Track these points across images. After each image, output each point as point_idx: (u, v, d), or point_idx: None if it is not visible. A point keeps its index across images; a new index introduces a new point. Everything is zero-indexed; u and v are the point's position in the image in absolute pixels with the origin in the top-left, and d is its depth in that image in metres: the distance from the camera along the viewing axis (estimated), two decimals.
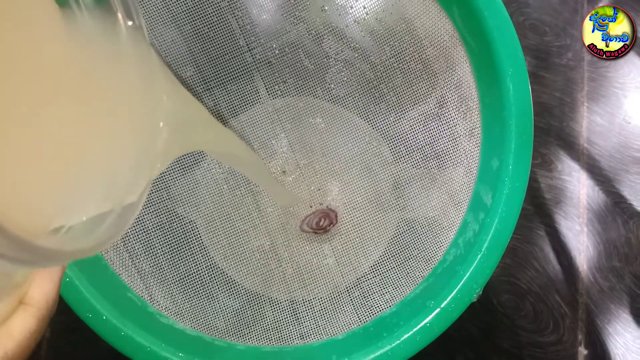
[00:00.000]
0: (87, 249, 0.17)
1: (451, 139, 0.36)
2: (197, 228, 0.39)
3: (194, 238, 0.38)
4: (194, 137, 0.27)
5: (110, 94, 0.20)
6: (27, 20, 0.17)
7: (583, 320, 0.48)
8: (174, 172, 0.39)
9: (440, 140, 0.37)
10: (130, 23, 0.21)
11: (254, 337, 0.35)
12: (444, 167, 0.37)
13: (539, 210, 0.50)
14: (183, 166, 0.39)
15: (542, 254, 0.49)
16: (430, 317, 0.31)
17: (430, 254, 0.35)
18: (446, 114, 0.37)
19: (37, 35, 0.17)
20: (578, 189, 0.51)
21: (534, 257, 0.49)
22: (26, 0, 0.17)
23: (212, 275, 0.38)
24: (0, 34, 0.15)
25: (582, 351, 0.47)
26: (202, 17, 0.38)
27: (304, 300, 0.37)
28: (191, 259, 0.38)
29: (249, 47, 0.39)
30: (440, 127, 0.37)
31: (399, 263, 0.36)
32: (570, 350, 0.47)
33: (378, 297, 0.35)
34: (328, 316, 0.36)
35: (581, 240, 0.50)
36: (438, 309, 0.31)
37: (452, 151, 0.36)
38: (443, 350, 0.47)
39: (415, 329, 0.31)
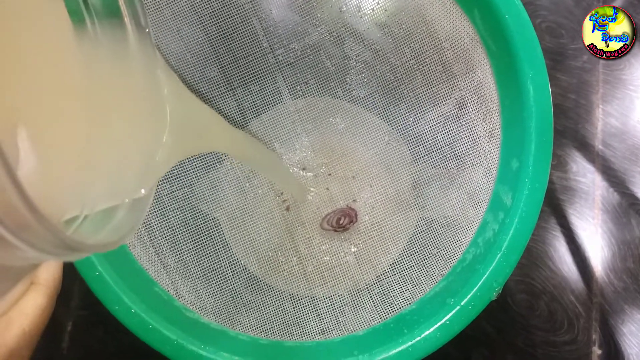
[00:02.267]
0: (106, 243, 0.18)
1: (471, 139, 0.37)
2: (219, 225, 0.40)
3: (216, 235, 0.39)
4: (199, 139, 0.28)
5: (119, 96, 0.21)
6: (42, 30, 0.18)
7: (597, 321, 0.48)
8: (197, 170, 0.40)
9: (459, 141, 0.38)
10: (138, 29, 0.22)
11: (276, 332, 0.35)
12: (463, 168, 0.37)
13: (554, 210, 0.51)
14: (206, 164, 0.40)
15: (557, 255, 0.50)
16: (451, 314, 0.32)
17: (449, 252, 0.36)
18: (466, 115, 0.37)
19: (52, 46, 0.18)
20: (593, 190, 0.52)
21: (548, 257, 0.50)
22: (41, 14, 0.18)
23: (235, 271, 0.38)
24: (20, 45, 0.16)
25: (596, 351, 0.48)
26: (227, 18, 0.38)
27: (325, 297, 0.38)
28: (214, 255, 0.38)
29: (271, 49, 0.40)
30: (459, 128, 0.38)
31: (418, 261, 0.37)
32: (584, 350, 0.48)
33: (398, 295, 0.36)
34: (348, 312, 0.37)
35: (595, 241, 0.50)
36: (458, 307, 0.32)
37: (471, 152, 0.37)
38: (458, 348, 0.47)
39: (435, 326, 0.32)
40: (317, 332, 0.36)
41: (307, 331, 0.36)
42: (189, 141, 0.26)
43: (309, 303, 0.38)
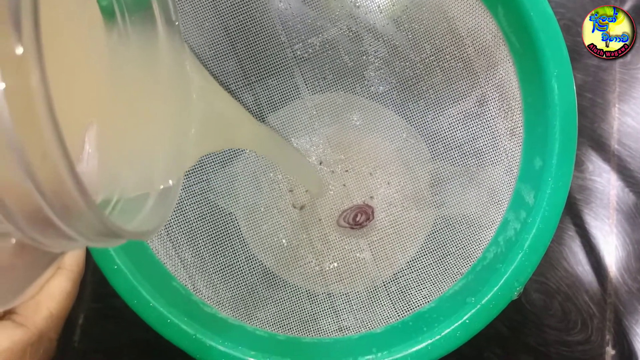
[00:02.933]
0: (140, 231, 0.18)
1: (491, 137, 0.37)
2: (236, 220, 0.39)
3: (233, 230, 0.39)
4: (226, 134, 0.28)
5: (149, 88, 0.22)
6: (81, 28, 0.18)
7: (611, 321, 0.48)
8: (214, 164, 0.39)
9: (479, 139, 0.37)
10: (167, 23, 0.22)
11: (294, 328, 0.35)
12: (483, 166, 0.37)
13: (569, 210, 0.51)
14: (223, 159, 0.40)
15: (572, 254, 0.50)
16: (471, 313, 0.31)
17: (469, 251, 0.35)
18: (486, 113, 0.37)
19: (91, 42, 0.18)
20: (608, 190, 0.51)
21: (563, 257, 0.50)
22: (77, 10, 0.18)
23: (251, 267, 0.38)
24: (62, 43, 0.16)
25: (610, 351, 0.47)
26: (246, 12, 0.38)
27: (341, 294, 0.38)
28: (231, 250, 0.38)
29: (289, 43, 0.40)
30: (479, 126, 0.37)
31: (436, 259, 0.37)
32: (597, 350, 0.47)
33: (416, 293, 0.36)
34: (366, 310, 0.37)
35: (610, 241, 0.50)
36: (479, 306, 0.31)
37: (491, 150, 0.37)
38: (471, 346, 0.47)
39: (455, 325, 0.31)
40: (335, 329, 0.35)
41: (324, 328, 0.36)
42: (216, 135, 0.26)
43: (325, 299, 0.38)
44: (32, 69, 0.11)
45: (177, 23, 0.22)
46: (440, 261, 0.37)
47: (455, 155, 0.39)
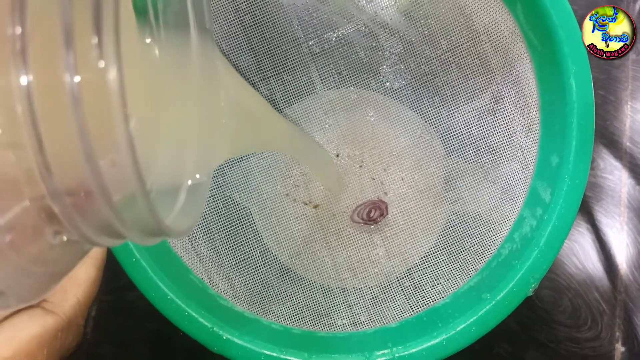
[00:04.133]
0: (178, 230, 0.18)
1: (507, 134, 0.37)
2: (250, 214, 0.40)
3: (248, 224, 0.39)
4: (255, 136, 0.28)
5: (180, 89, 0.22)
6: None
7: (621, 318, 0.48)
8: (229, 159, 0.40)
9: (494, 136, 0.37)
10: (200, 29, 0.22)
11: (308, 322, 0.36)
12: (498, 162, 0.37)
13: (580, 207, 0.51)
14: None
15: (582, 251, 0.50)
16: (486, 309, 0.32)
17: (483, 247, 0.36)
18: (502, 110, 0.37)
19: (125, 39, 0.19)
20: (619, 187, 0.51)
21: (573, 254, 0.50)
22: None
23: (266, 261, 0.39)
24: None
25: (619, 348, 0.48)
26: (262, 7, 0.38)
27: (355, 289, 0.38)
28: (246, 244, 0.39)
29: (305, 38, 0.40)
30: (495, 122, 0.37)
31: (450, 255, 0.37)
32: (607, 347, 0.48)
33: (430, 288, 0.36)
34: (380, 305, 0.37)
35: (621, 239, 0.50)
36: (494, 302, 0.32)
37: (507, 146, 0.37)
38: (480, 341, 0.47)
39: (470, 320, 0.32)
40: (349, 324, 0.36)
41: (338, 322, 0.36)
42: (247, 136, 0.26)
43: (339, 294, 0.38)
44: (111, 65, 0.11)
45: (209, 27, 0.22)
46: (454, 257, 0.37)
47: (470, 152, 0.39)
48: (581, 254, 0.50)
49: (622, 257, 0.50)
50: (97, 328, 0.51)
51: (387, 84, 0.41)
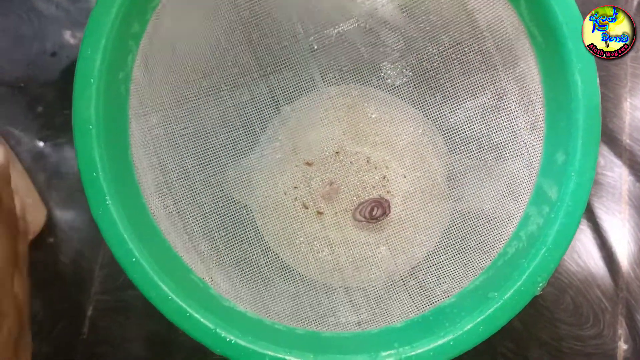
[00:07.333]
0: None
1: (510, 131, 0.36)
2: (251, 213, 0.39)
3: (248, 223, 0.39)
4: None
5: None
6: None
7: (623, 315, 0.48)
8: (229, 156, 0.39)
9: (498, 133, 0.37)
10: None
11: (312, 322, 0.35)
12: (501, 160, 0.37)
13: None
14: (238, 151, 0.39)
15: (584, 249, 0.50)
16: (494, 308, 0.31)
17: (489, 245, 0.35)
18: (506, 107, 0.37)
19: None
20: (620, 184, 0.51)
21: (575, 252, 0.50)
22: None
23: (268, 260, 0.38)
24: None
25: (622, 346, 0.48)
26: (261, 3, 0.37)
27: (359, 288, 0.38)
28: (247, 243, 0.38)
29: (305, 34, 0.39)
30: (498, 120, 0.37)
31: (455, 254, 0.37)
32: (610, 345, 0.47)
33: (435, 287, 0.36)
34: (384, 304, 0.36)
35: (622, 236, 0.50)
36: (501, 301, 0.31)
37: (511, 144, 0.36)
38: (485, 341, 0.47)
39: (478, 320, 0.31)
40: (354, 323, 0.35)
41: (342, 322, 0.35)
42: None
43: (343, 293, 0.37)
44: None
45: None
46: (459, 255, 0.36)
47: (473, 149, 0.38)
48: (582, 252, 0.50)
49: (623, 254, 0.50)
50: (93, 328, 0.50)
51: (389, 80, 0.40)
